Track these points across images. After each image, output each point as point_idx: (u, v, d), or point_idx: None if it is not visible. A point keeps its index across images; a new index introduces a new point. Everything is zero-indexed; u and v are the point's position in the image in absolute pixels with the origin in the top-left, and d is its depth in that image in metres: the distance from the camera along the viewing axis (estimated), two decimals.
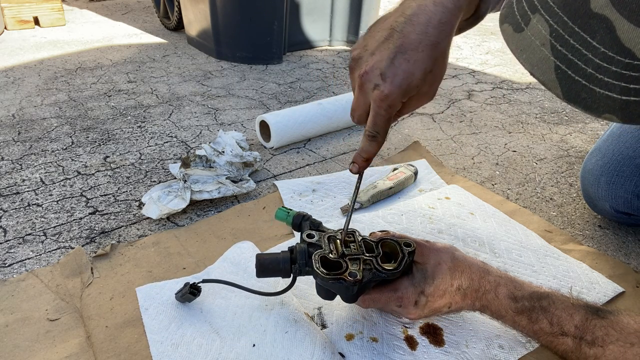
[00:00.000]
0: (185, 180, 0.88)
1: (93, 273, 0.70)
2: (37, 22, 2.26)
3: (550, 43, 0.37)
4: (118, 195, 0.92)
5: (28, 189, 0.94)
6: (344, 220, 0.84)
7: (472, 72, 1.81)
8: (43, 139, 1.15)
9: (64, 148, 1.11)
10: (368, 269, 0.54)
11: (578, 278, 0.70)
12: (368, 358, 0.56)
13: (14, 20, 2.18)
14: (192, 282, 0.62)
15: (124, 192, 0.94)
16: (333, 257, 0.54)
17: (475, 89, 1.62)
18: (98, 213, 0.87)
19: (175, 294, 0.63)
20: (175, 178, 0.95)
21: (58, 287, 0.68)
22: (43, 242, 0.79)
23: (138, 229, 0.83)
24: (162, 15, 2.34)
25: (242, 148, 1.04)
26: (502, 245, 0.77)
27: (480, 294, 0.55)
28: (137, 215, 0.86)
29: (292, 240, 0.77)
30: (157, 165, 1.04)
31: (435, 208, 0.86)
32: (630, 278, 0.72)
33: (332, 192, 0.93)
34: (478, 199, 0.90)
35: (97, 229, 0.82)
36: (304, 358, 0.53)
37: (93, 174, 1.00)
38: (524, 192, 0.98)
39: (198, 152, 0.98)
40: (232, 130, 1.16)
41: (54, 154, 1.08)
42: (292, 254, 0.57)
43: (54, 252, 0.76)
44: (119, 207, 0.89)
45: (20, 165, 1.03)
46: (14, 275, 0.71)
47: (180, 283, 0.64)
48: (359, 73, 0.51)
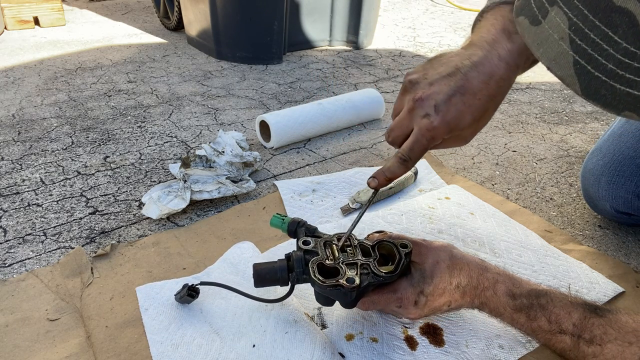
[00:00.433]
0: (185, 180, 0.88)
1: (93, 273, 0.70)
2: (37, 22, 2.25)
3: (569, 37, 0.36)
4: (118, 195, 0.92)
5: (28, 189, 0.94)
6: (344, 221, 0.84)
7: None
8: (43, 139, 1.15)
9: (64, 148, 1.11)
10: (365, 273, 0.53)
11: (578, 278, 0.70)
12: (368, 358, 0.56)
13: (14, 20, 2.18)
14: (191, 282, 0.62)
15: (124, 192, 0.94)
16: (330, 263, 0.54)
17: None
18: (98, 213, 0.87)
19: (175, 295, 0.63)
20: (175, 178, 0.95)
21: (58, 287, 0.68)
22: (43, 242, 0.79)
23: (138, 229, 0.83)
24: (162, 15, 2.34)
25: (242, 148, 1.04)
26: (502, 245, 0.77)
27: (479, 291, 0.55)
28: (137, 215, 0.86)
29: (292, 241, 0.77)
30: (157, 165, 1.04)
31: (435, 208, 0.86)
32: (630, 278, 0.72)
33: (332, 192, 0.93)
34: (478, 199, 0.90)
35: (97, 229, 0.82)
36: (304, 358, 0.53)
37: (93, 174, 1.00)
38: (524, 192, 0.98)
39: (198, 152, 0.98)
40: (232, 130, 1.16)
41: (54, 154, 1.08)
42: (289, 262, 0.56)
43: (54, 252, 0.76)
44: (119, 207, 0.89)
45: (20, 165, 1.03)
46: (14, 275, 0.71)
47: (180, 283, 0.64)
48: (414, 97, 0.53)
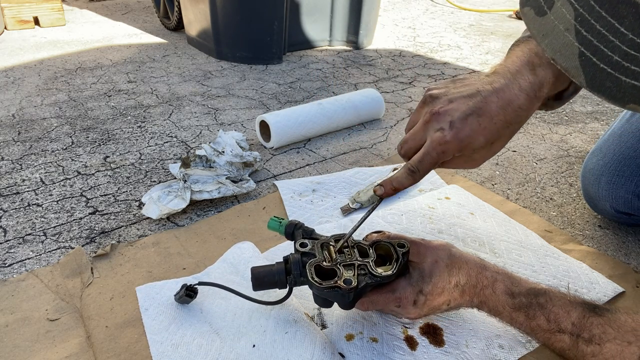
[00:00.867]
0: (185, 180, 0.88)
1: (93, 273, 0.70)
2: (37, 22, 2.26)
3: (575, 28, 0.35)
4: (118, 195, 0.92)
5: (28, 189, 0.94)
6: (344, 221, 0.84)
7: (472, 72, 1.81)
8: (43, 139, 1.15)
9: (64, 148, 1.11)
10: (363, 274, 0.54)
11: (578, 278, 0.70)
12: (368, 358, 0.56)
13: (14, 20, 2.18)
14: (190, 283, 0.62)
15: (124, 192, 0.94)
16: (327, 265, 0.54)
17: None
18: (98, 213, 0.87)
19: (174, 296, 0.63)
20: (175, 178, 0.95)
21: (58, 287, 0.68)
22: (43, 242, 0.79)
23: (138, 229, 0.83)
24: (162, 15, 2.34)
25: (242, 148, 1.04)
26: (502, 245, 0.77)
27: (478, 290, 0.55)
28: (137, 215, 0.86)
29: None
30: (157, 165, 1.04)
31: (435, 208, 0.86)
32: (630, 278, 0.72)
33: (332, 192, 0.93)
34: (478, 199, 0.90)
35: (97, 229, 0.82)
36: (304, 358, 0.53)
37: (93, 174, 1.00)
38: (524, 192, 0.98)
39: (198, 152, 0.98)
40: (232, 130, 1.16)
41: (54, 154, 1.08)
42: (287, 264, 0.56)
43: (54, 252, 0.76)
44: (119, 207, 0.89)
45: (20, 165, 1.03)
46: (14, 275, 0.71)
47: (180, 283, 0.64)
48: (431, 110, 0.54)
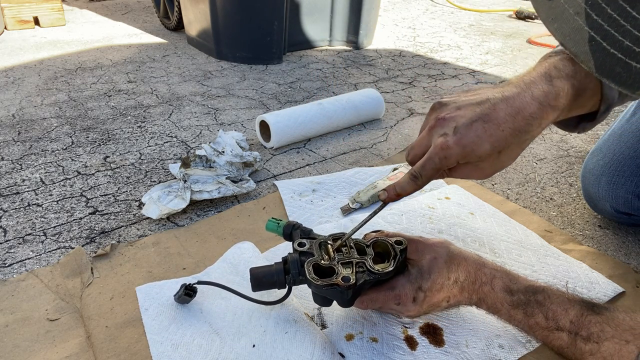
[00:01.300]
0: (185, 180, 0.88)
1: (93, 273, 0.70)
2: (37, 22, 2.26)
3: (585, 12, 0.35)
4: (118, 195, 0.92)
5: (28, 189, 0.94)
6: (344, 221, 0.84)
7: (472, 72, 1.81)
8: (43, 139, 1.15)
9: (64, 148, 1.11)
10: (361, 272, 0.54)
11: (578, 278, 0.70)
12: (368, 358, 0.56)
13: (14, 20, 2.18)
14: (189, 282, 0.62)
15: (124, 192, 0.94)
16: (325, 263, 0.54)
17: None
18: (98, 213, 0.87)
19: (174, 296, 0.63)
20: (175, 178, 0.95)
21: (58, 287, 0.68)
22: (43, 242, 0.79)
23: (138, 229, 0.83)
24: (162, 15, 2.34)
25: (242, 148, 1.04)
26: (502, 245, 0.77)
27: (477, 287, 0.55)
28: (137, 215, 0.86)
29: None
30: (157, 165, 1.04)
31: (435, 208, 0.86)
32: (630, 278, 0.72)
33: (332, 192, 0.93)
34: (478, 199, 0.90)
35: (97, 229, 0.82)
36: (304, 358, 0.53)
37: (93, 174, 1.00)
38: (524, 192, 0.98)
39: (198, 152, 0.98)
40: (232, 130, 1.16)
41: (54, 154, 1.08)
42: (285, 264, 0.56)
43: (54, 252, 0.76)
44: (119, 207, 0.89)
45: (20, 165, 1.03)
46: (14, 275, 0.71)
47: (180, 283, 0.64)
48: (437, 116, 0.54)
